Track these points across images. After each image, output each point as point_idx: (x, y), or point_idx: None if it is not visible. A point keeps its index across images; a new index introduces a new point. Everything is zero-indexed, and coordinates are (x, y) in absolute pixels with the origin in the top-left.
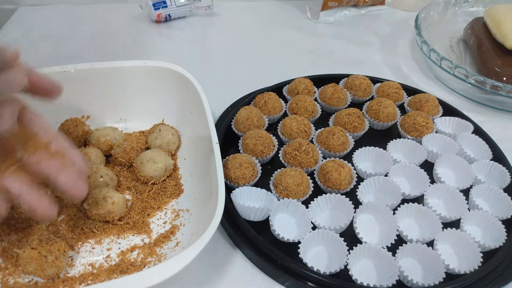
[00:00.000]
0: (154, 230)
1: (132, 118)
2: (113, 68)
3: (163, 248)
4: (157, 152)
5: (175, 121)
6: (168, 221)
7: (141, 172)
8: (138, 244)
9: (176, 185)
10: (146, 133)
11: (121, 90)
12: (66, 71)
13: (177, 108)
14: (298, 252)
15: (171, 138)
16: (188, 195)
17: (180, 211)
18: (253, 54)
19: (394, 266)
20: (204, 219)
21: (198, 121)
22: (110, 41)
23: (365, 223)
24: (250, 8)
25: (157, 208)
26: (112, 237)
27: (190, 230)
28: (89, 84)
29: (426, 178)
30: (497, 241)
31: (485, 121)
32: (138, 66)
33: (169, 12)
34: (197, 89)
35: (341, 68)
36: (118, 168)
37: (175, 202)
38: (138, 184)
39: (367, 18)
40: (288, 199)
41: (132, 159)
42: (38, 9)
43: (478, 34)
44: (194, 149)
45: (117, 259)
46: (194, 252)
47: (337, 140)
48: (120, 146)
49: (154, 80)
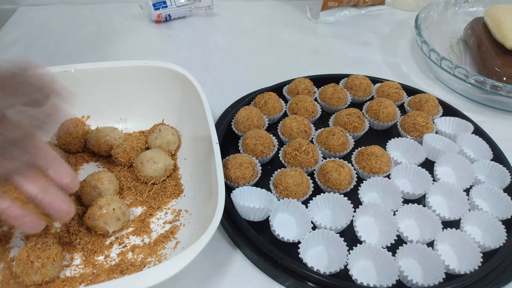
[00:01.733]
0: (154, 230)
1: (132, 118)
2: (113, 68)
3: (163, 248)
4: (157, 152)
5: (175, 121)
6: (168, 221)
7: (141, 172)
8: (138, 244)
9: (176, 185)
10: (146, 133)
11: (121, 90)
12: (66, 71)
13: (177, 108)
14: (298, 252)
15: (171, 138)
16: (188, 195)
17: (180, 211)
18: (253, 54)
19: (394, 266)
20: (204, 219)
21: (198, 121)
22: (110, 41)
23: (365, 223)
24: (250, 8)
25: (157, 208)
26: (112, 237)
27: (190, 230)
28: (89, 84)
29: (428, 177)
30: (497, 241)
31: (485, 121)
32: (138, 66)
33: (169, 12)
34: (197, 89)
35: (341, 68)
36: (118, 168)
37: (175, 202)
38: (138, 184)
39: (367, 18)
40: (288, 199)
41: (132, 159)
42: (38, 9)
43: (478, 34)
44: (194, 149)
45: (117, 259)
46: (194, 252)
47: (337, 140)
48: (120, 146)
49: (154, 80)
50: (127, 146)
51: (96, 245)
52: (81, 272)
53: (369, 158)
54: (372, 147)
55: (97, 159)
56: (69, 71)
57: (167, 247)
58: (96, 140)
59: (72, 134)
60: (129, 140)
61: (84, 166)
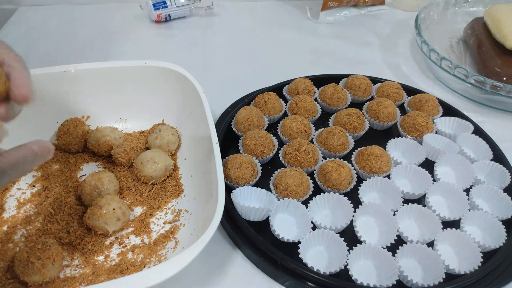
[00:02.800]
0: (154, 230)
1: (132, 118)
2: (113, 68)
3: (163, 248)
4: (157, 152)
5: (175, 121)
6: (168, 221)
7: (141, 172)
8: (138, 244)
9: (176, 185)
10: (146, 133)
11: (121, 90)
12: (67, 71)
13: (177, 108)
14: (298, 252)
15: (171, 138)
16: (188, 195)
17: (180, 211)
18: (253, 54)
19: (394, 266)
20: (204, 220)
21: (198, 121)
22: (110, 41)
23: (365, 223)
24: (250, 8)
25: (157, 208)
26: (112, 237)
27: (190, 231)
28: (89, 84)
29: (428, 177)
30: (497, 241)
31: (485, 121)
32: (138, 66)
33: (169, 12)
34: (197, 89)
35: (341, 68)
36: (118, 168)
37: (175, 202)
38: (138, 184)
39: (367, 18)
40: (288, 199)
41: (132, 159)
42: (38, 9)
43: (478, 34)
44: (194, 149)
45: (117, 259)
46: (194, 252)
47: (337, 140)
48: (120, 146)
49: (154, 80)
50: (127, 146)
51: (96, 245)
52: (81, 272)
53: (369, 158)
54: (372, 147)
55: (97, 159)
56: (69, 71)
57: (167, 247)
58: (96, 140)
59: (72, 134)
60: (129, 140)
61: (84, 166)
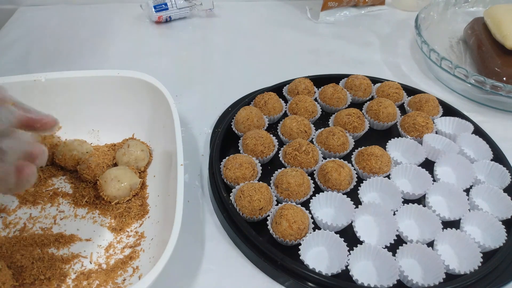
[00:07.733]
0: (113, 254)
1: (105, 130)
2: (85, 77)
3: (120, 276)
4: (122, 170)
5: (148, 135)
6: (128, 245)
7: (104, 191)
8: (96, 270)
9: (141, 205)
10: (117, 146)
11: (93, 100)
12: (37, 80)
13: (149, 121)
14: (299, 254)
15: (140, 154)
16: (153, 217)
17: (143, 234)
18: (253, 54)
19: (394, 267)
20: (163, 246)
21: (170, 135)
22: (110, 41)
23: (365, 223)
24: (250, 8)
25: (119, 230)
26: (66, 264)
27: (149, 257)
28: (60, 93)
29: (428, 177)
30: (497, 241)
31: (485, 121)
32: (110, 76)
33: (169, 14)
34: (168, 101)
35: (341, 68)
36: (83, 184)
37: (138, 224)
38: (102, 202)
39: (367, 18)
40: (288, 199)
41: (97, 176)
42: (38, 9)
43: (478, 34)
44: (164, 166)
45: (71, 285)
46: (145, 284)
47: (337, 140)
48: (85, 162)
49: (127, 91)
50: (92, 162)
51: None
52: None
53: (369, 158)
54: (372, 147)
55: (65, 173)
56: (39, 80)
57: (124, 275)
58: (62, 155)
59: None
60: (95, 156)
61: (53, 180)
